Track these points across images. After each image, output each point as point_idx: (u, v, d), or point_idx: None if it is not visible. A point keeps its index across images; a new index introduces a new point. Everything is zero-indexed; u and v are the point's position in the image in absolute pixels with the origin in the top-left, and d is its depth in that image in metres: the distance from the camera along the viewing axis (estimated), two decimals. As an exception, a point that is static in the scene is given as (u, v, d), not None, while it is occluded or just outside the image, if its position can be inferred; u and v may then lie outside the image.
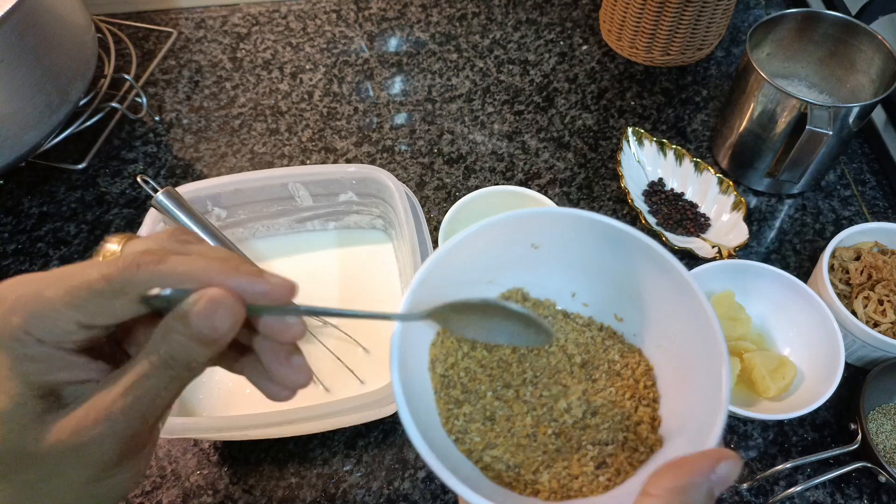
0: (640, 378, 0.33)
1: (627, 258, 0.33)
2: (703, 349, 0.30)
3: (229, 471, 0.57)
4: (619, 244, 0.33)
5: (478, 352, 0.34)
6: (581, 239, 0.34)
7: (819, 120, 0.62)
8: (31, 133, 0.68)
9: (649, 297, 0.34)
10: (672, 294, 0.32)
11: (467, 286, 0.35)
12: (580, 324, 0.36)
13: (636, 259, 0.33)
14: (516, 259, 0.36)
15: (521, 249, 0.35)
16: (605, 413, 0.32)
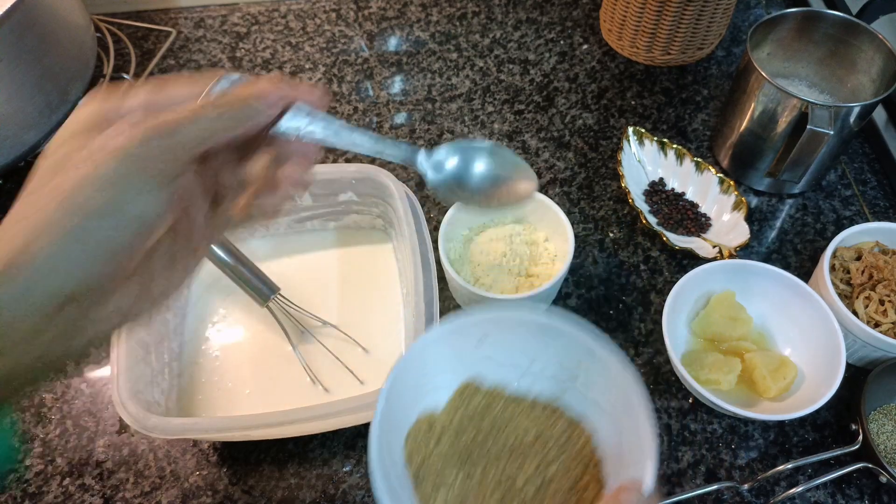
0: (583, 447, 0.39)
1: (560, 344, 0.40)
2: (629, 413, 0.35)
3: (229, 471, 0.57)
4: (551, 334, 0.40)
5: (444, 443, 0.39)
6: (519, 332, 0.41)
7: (820, 120, 0.62)
8: (31, 133, 0.68)
9: (582, 375, 0.40)
10: (600, 369, 0.38)
11: (427, 388, 0.40)
12: (528, 405, 0.41)
13: (567, 344, 0.39)
14: (467, 352, 0.42)
15: (471, 344, 0.41)
16: (558, 481, 0.37)
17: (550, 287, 0.60)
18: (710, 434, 0.59)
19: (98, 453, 0.58)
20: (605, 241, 0.71)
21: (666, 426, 0.59)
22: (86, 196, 0.27)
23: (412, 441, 0.38)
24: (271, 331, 0.62)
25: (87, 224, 0.27)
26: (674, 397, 0.60)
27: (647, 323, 0.65)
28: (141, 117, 0.29)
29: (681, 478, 0.56)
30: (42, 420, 0.60)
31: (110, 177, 0.27)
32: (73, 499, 0.56)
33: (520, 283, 0.63)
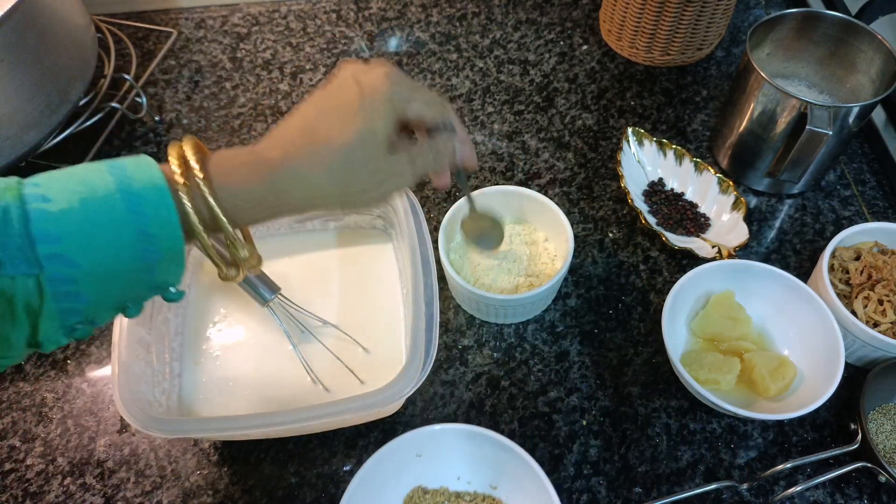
0: None
1: (485, 447, 0.49)
2: (533, 479, 0.47)
3: (229, 471, 0.57)
4: (476, 439, 0.49)
5: None
6: (448, 440, 0.50)
7: (819, 120, 0.62)
8: (32, 133, 0.68)
9: (505, 468, 0.49)
10: (518, 465, 0.48)
11: (382, 499, 0.50)
12: (468, 500, 0.51)
13: (491, 447, 0.49)
14: (409, 469, 0.50)
15: (410, 459, 0.50)
16: None
17: (550, 287, 0.60)
18: (710, 434, 0.59)
19: (99, 453, 0.58)
20: (605, 241, 0.71)
21: (665, 426, 0.59)
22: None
23: None
24: (272, 331, 0.62)
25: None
26: (673, 397, 0.61)
27: (646, 323, 0.65)
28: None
29: (680, 477, 0.56)
30: (43, 419, 0.60)
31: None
32: (74, 498, 0.56)
33: (520, 283, 0.63)
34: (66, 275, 0.31)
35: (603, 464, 0.57)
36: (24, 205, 0.30)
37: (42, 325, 0.32)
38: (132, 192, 0.32)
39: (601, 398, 0.61)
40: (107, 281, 0.32)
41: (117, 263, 0.32)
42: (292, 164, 0.37)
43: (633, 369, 0.62)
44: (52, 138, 0.72)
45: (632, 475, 0.57)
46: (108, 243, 0.32)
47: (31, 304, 0.31)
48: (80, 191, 0.32)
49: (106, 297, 0.33)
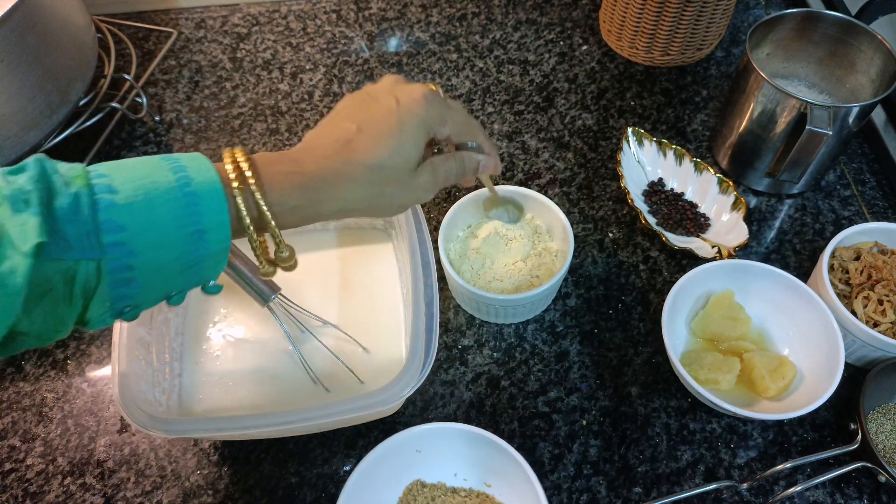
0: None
1: (480, 447, 0.51)
2: (524, 479, 0.48)
3: (229, 471, 0.57)
4: (472, 438, 0.51)
5: None
6: (446, 437, 0.51)
7: (819, 120, 0.62)
8: (32, 133, 0.68)
9: (502, 468, 0.51)
10: (509, 464, 0.50)
11: (383, 489, 0.52)
12: (463, 495, 0.53)
13: (485, 447, 0.51)
14: (409, 463, 0.53)
15: (410, 455, 0.52)
16: None
17: (550, 287, 0.60)
18: (710, 433, 0.59)
19: (99, 452, 0.58)
20: (605, 241, 0.71)
21: (665, 425, 0.59)
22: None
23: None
24: (272, 330, 0.62)
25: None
26: (673, 397, 0.61)
27: (646, 323, 0.65)
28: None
29: (680, 477, 0.57)
30: (43, 419, 0.60)
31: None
32: (74, 498, 0.56)
33: (520, 282, 0.63)
34: (124, 262, 0.33)
35: (603, 463, 0.57)
36: (94, 194, 0.32)
37: (93, 305, 0.34)
38: (191, 191, 0.35)
39: (601, 398, 0.61)
40: (159, 271, 0.34)
41: (171, 255, 0.34)
42: (327, 179, 0.39)
43: (633, 369, 0.62)
44: (53, 138, 0.72)
45: (632, 475, 0.57)
46: (166, 236, 0.34)
47: (88, 287, 0.33)
48: (144, 185, 0.34)
49: (156, 285, 0.35)
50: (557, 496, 0.56)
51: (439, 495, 0.53)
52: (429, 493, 0.53)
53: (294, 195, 0.38)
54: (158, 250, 0.34)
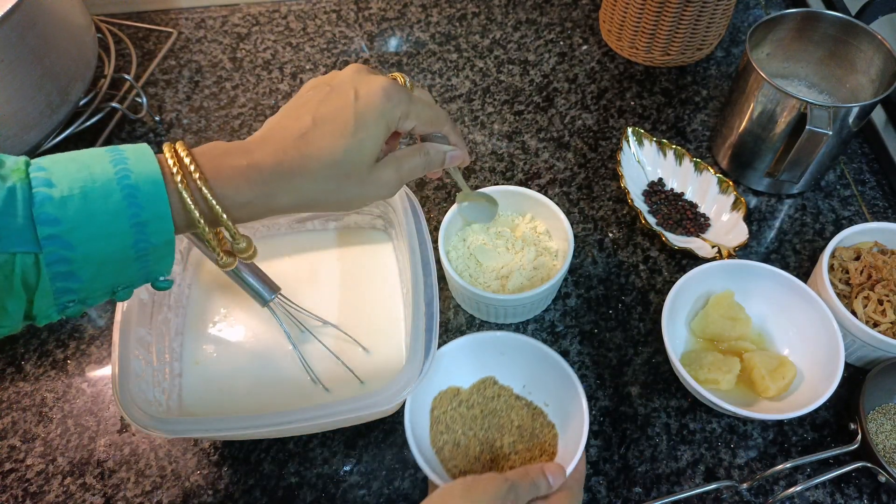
0: (548, 441, 0.55)
1: (555, 375, 0.55)
2: (579, 443, 0.51)
3: (230, 470, 0.57)
4: (552, 364, 0.55)
5: (460, 408, 0.56)
6: (535, 356, 0.56)
7: (819, 120, 0.62)
8: (32, 133, 0.68)
9: (563, 400, 0.55)
10: (571, 395, 0.54)
11: (459, 372, 0.57)
12: (523, 404, 0.57)
13: (562, 379, 0.55)
14: (491, 360, 0.58)
15: (496, 355, 0.58)
16: (522, 454, 0.55)
17: (550, 287, 0.60)
18: (710, 433, 0.59)
19: (99, 452, 0.58)
20: (605, 241, 0.71)
21: (665, 425, 0.59)
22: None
23: (439, 399, 0.56)
24: (272, 331, 0.62)
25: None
26: (673, 397, 0.61)
27: (646, 322, 0.65)
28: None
29: (680, 477, 0.56)
30: (43, 419, 0.60)
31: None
32: (74, 498, 0.56)
33: (520, 283, 0.63)
34: (62, 256, 0.33)
35: (603, 463, 0.57)
36: (31, 188, 0.33)
37: (37, 300, 0.34)
38: (129, 183, 0.34)
39: (601, 398, 0.61)
40: (100, 265, 0.34)
41: (111, 249, 0.34)
42: (281, 174, 0.38)
43: (632, 369, 0.62)
44: (53, 138, 0.72)
45: (631, 475, 0.57)
46: (104, 230, 0.34)
47: (28, 280, 0.33)
48: (81, 178, 0.34)
49: (99, 280, 0.35)
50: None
51: (504, 396, 0.58)
52: (497, 390, 0.58)
53: (245, 189, 0.38)
54: (96, 243, 0.34)
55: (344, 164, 0.40)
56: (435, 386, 0.56)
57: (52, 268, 0.33)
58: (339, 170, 0.40)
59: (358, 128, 0.40)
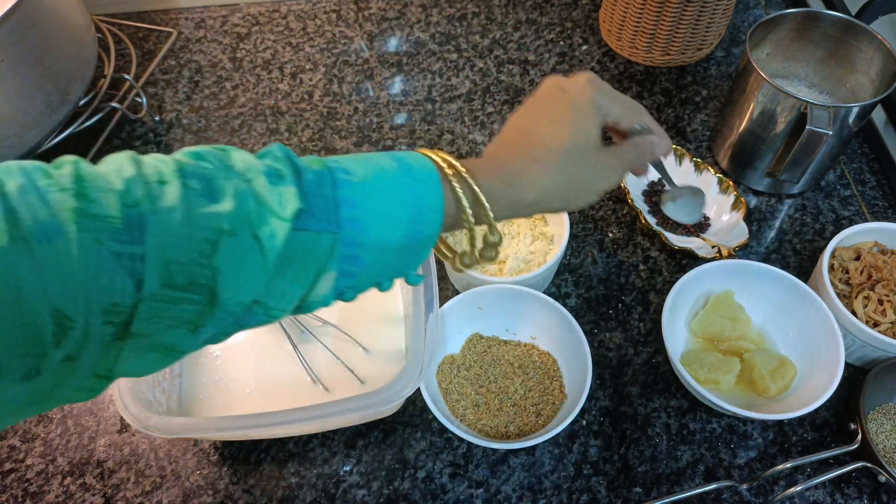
0: (550, 367, 0.61)
1: (533, 304, 0.61)
2: (576, 346, 0.58)
3: (229, 471, 0.57)
4: (526, 298, 0.60)
5: (461, 373, 0.60)
6: (508, 297, 0.60)
7: (819, 120, 0.62)
8: (32, 133, 0.68)
9: (548, 324, 0.61)
10: (556, 320, 0.60)
11: (450, 338, 0.62)
12: (513, 345, 0.62)
13: (538, 305, 0.60)
14: (472, 315, 0.62)
15: (473, 310, 0.61)
16: (535, 388, 0.60)
17: (546, 269, 0.60)
18: (710, 433, 0.59)
19: (99, 452, 0.58)
20: (605, 240, 0.71)
21: (665, 425, 0.59)
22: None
23: (440, 372, 0.60)
24: (272, 330, 0.62)
25: None
26: (673, 397, 0.61)
27: (646, 322, 0.65)
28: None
29: (680, 477, 0.56)
30: (43, 419, 0.60)
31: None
32: (74, 498, 0.56)
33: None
34: (355, 239, 0.34)
35: (603, 464, 0.57)
36: (333, 173, 0.35)
37: (320, 282, 0.35)
38: (413, 176, 0.37)
39: (601, 398, 0.61)
40: (382, 251, 0.36)
41: (394, 236, 0.36)
42: (521, 169, 0.40)
43: (633, 369, 0.62)
44: (53, 138, 0.72)
45: (632, 475, 0.57)
46: (393, 216, 0.36)
47: (321, 262, 0.34)
48: (373, 168, 0.36)
49: (375, 266, 0.36)
50: (557, 496, 0.56)
51: (493, 345, 0.62)
52: (485, 343, 0.62)
53: (498, 183, 0.40)
54: (384, 229, 0.35)
55: (573, 151, 0.41)
56: (433, 362, 0.59)
57: (343, 250, 0.34)
58: (570, 157, 0.41)
59: (577, 115, 0.42)
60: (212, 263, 0.31)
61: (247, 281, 0.32)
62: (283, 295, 0.34)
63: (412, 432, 0.59)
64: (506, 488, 0.56)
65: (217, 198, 0.31)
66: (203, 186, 0.31)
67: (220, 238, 0.31)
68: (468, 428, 0.57)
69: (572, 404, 0.56)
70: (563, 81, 0.44)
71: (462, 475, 0.57)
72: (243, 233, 0.31)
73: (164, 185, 0.30)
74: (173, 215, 0.30)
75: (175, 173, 0.31)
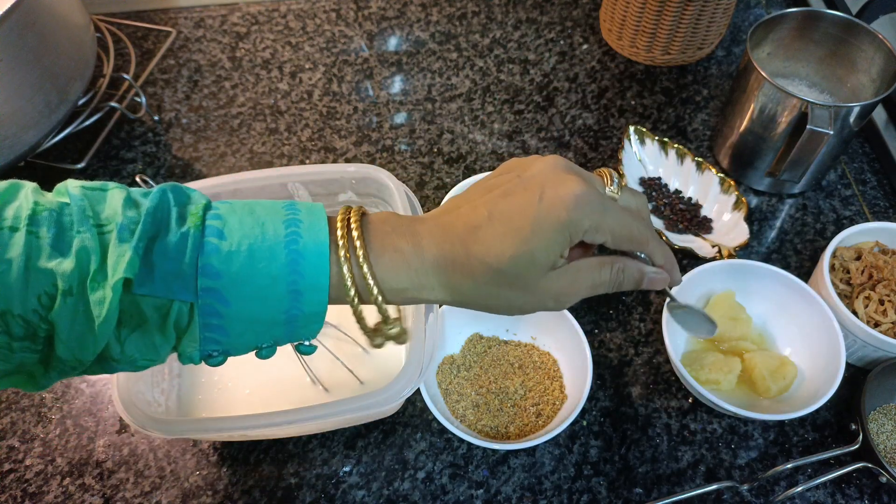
0: (550, 367, 0.61)
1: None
2: (576, 346, 0.58)
3: (229, 471, 0.57)
4: None
5: (461, 374, 0.60)
6: None
7: (820, 119, 0.62)
8: (31, 132, 0.68)
9: (548, 324, 0.61)
10: (556, 320, 0.60)
11: (449, 339, 0.61)
12: (513, 345, 0.62)
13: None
14: (472, 315, 0.62)
15: (472, 311, 0.59)
16: (535, 389, 0.59)
17: None
18: (710, 434, 0.59)
19: (98, 453, 0.58)
20: (605, 240, 0.71)
21: (665, 426, 0.59)
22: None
23: (440, 373, 0.60)
24: (271, 331, 0.62)
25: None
26: (673, 397, 0.60)
27: (646, 322, 0.65)
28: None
29: (680, 477, 0.56)
30: (42, 420, 0.60)
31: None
32: (73, 498, 0.56)
33: None
34: (216, 310, 0.33)
35: (603, 464, 0.57)
36: (203, 236, 0.33)
37: (184, 342, 0.34)
38: (296, 249, 0.34)
39: (601, 398, 0.61)
40: (249, 323, 0.34)
41: (263, 311, 0.34)
42: (443, 267, 0.36)
43: (633, 369, 0.62)
44: (52, 138, 0.72)
45: (632, 475, 0.57)
46: (261, 291, 0.33)
47: (180, 324, 0.33)
48: (252, 235, 0.33)
49: (245, 337, 0.35)
50: (558, 497, 0.55)
51: (493, 345, 0.62)
52: (485, 343, 0.62)
53: (403, 276, 0.36)
54: (250, 303, 0.33)
55: (508, 273, 0.36)
56: (433, 362, 0.59)
57: (203, 318, 0.33)
58: (503, 277, 0.36)
59: (533, 236, 0.35)
60: (49, 318, 0.30)
61: (83, 341, 0.31)
62: (143, 349, 0.33)
63: (412, 433, 0.59)
64: (506, 489, 0.56)
65: (64, 251, 0.30)
66: (52, 236, 0.31)
67: (57, 295, 0.30)
68: (468, 428, 0.56)
69: (572, 405, 0.56)
70: (550, 181, 0.36)
71: (462, 476, 0.57)
72: (79, 294, 0.30)
73: (13, 232, 0.30)
74: (11, 267, 0.29)
75: (27, 220, 0.30)
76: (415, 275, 0.36)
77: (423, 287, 0.36)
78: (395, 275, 0.36)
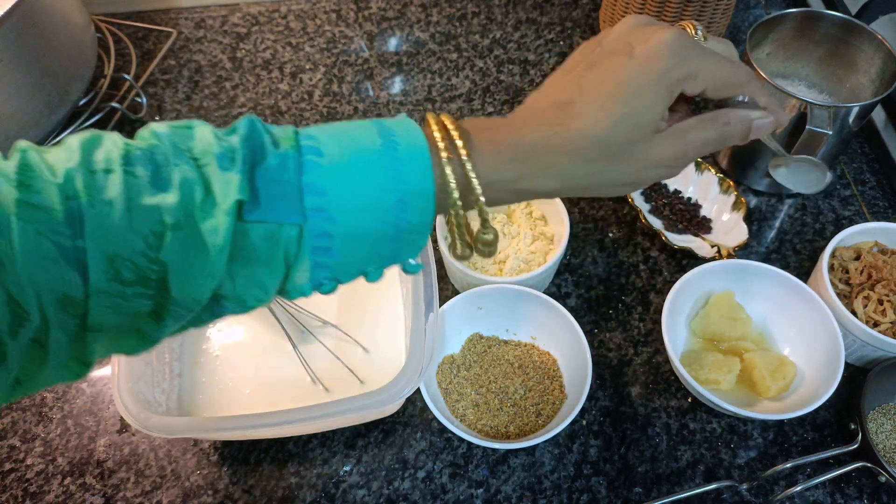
0: (550, 367, 0.61)
1: (533, 304, 0.61)
2: (576, 346, 0.58)
3: (229, 471, 0.57)
4: (526, 298, 0.60)
5: (461, 373, 0.60)
6: (507, 297, 0.61)
7: (819, 119, 0.62)
8: (31, 133, 0.68)
9: (548, 324, 0.61)
10: (556, 319, 0.60)
11: (448, 340, 0.61)
12: (513, 345, 0.62)
13: (538, 305, 0.60)
14: (472, 315, 0.62)
15: (473, 310, 0.62)
16: (535, 388, 0.59)
17: (546, 269, 0.61)
18: (710, 433, 0.59)
19: (99, 453, 0.58)
20: (605, 240, 0.71)
21: (665, 425, 0.59)
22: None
23: (440, 373, 0.60)
24: (271, 330, 0.62)
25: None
26: (673, 397, 0.61)
27: (646, 322, 0.65)
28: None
29: (680, 477, 0.56)
30: (43, 419, 0.60)
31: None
32: (73, 498, 0.56)
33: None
34: (324, 229, 0.31)
35: (603, 464, 0.57)
36: (301, 156, 0.31)
37: (294, 273, 0.32)
38: (396, 156, 0.32)
39: (601, 398, 0.61)
40: (358, 241, 0.32)
41: (371, 225, 0.32)
42: (544, 151, 0.34)
43: (633, 369, 0.62)
44: (52, 138, 0.72)
45: (632, 475, 0.57)
46: (367, 204, 0.32)
47: (289, 253, 0.31)
48: (350, 148, 0.32)
49: (354, 257, 0.33)
50: (557, 496, 0.55)
51: (493, 345, 0.62)
52: (485, 343, 0.62)
53: (506, 167, 0.34)
54: (357, 217, 0.31)
55: (613, 141, 0.33)
56: (433, 362, 0.59)
57: (313, 241, 0.31)
58: (608, 148, 0.34)
59: (632, 97, 0.33)
60: (159, 258, 0.29)
61: (198, 277, 0.30)
62: (252, 286, 0.32)
63: (412, 432, 0.59)
64: (506, 488, 0.56)
65: (164, 187, 0.29)
66: (150, 174, 0.29)
67: (166, 232, 0.29)
68: (468, 428, 0.57)
69: (572, 404, 0.56)
70: (637, 37, 0.35)
71: (462, 475, 0.57)
72: (188, 226, 0.29)
73: (108, 174, 0.29)
74: (113, 208, 0.28)
75: (120, 160, 0.29)
76: (517, 165, 0.34)
77: (527, 177, 0.34)
78: (497, 168, 0.34)
